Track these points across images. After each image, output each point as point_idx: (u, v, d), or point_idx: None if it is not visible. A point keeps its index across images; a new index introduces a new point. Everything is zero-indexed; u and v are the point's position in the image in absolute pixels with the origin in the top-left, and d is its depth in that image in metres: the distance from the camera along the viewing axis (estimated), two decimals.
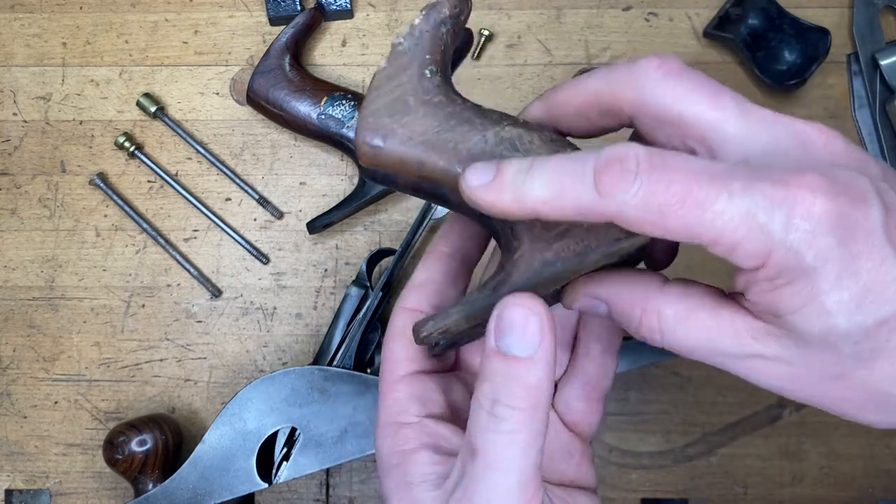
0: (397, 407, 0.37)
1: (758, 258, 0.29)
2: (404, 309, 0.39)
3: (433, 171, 0.35)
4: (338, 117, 0.61)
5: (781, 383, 0.33)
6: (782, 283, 0.30)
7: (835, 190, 0.29)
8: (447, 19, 0.37)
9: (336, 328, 0.60)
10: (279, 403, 0.56)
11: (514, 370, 0.31)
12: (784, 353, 0.31)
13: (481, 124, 0.36)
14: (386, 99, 0.35)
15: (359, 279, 0.61)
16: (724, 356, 0.32)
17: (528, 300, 0.31)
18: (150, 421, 0.59)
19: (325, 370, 0.57)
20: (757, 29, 0.64)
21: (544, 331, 0.31)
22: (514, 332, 0.31)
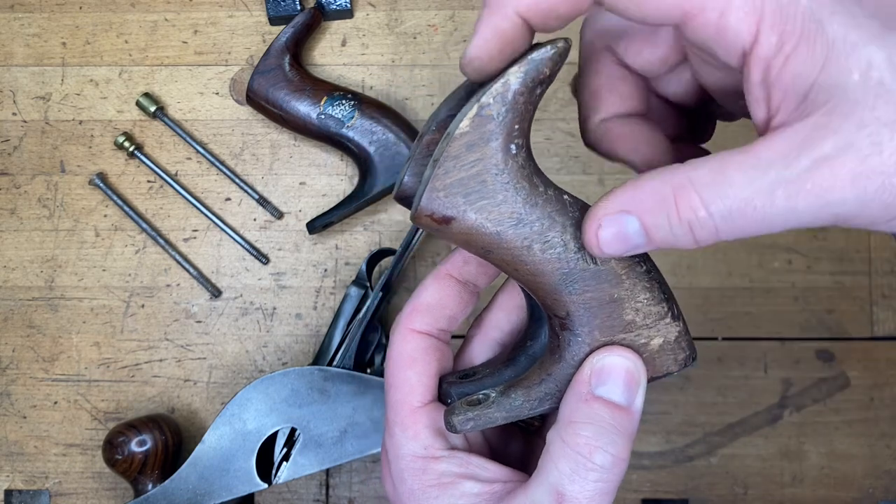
0: (422, 441, 0.36)
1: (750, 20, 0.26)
2: (412, 331, 0.38)
3: (498, 259, 0.33)
4: (337, 117, 0.61)
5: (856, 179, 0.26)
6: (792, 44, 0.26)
7: None
8: (546, 80, 0.32)
9: (336, 328, 0.60)
10: (279, 404, 0.56)
11: (617, 418, 0.31)
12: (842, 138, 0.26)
13: (562, 224, 0.32)
14: (463, 174, 0.31)
15: (358, 279, 0.61)
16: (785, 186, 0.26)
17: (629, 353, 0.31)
18: (149, 421, 0.59)
19: (324, 370, 0.57)
20: None
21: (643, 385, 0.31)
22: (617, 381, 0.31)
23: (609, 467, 0.31)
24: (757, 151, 0.27)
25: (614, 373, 0.31)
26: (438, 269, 0.39)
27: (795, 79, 0.26)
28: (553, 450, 0.32)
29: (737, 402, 0.63)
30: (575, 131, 0.66)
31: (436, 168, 0.31)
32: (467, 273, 0.39)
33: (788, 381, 0.63)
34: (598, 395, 0.31)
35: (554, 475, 0.32)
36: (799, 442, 0.63)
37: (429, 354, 0.38)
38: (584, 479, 0.31)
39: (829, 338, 0.63)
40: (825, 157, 0.26)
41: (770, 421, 0.63)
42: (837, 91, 0.26)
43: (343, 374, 0.57)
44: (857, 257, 0.64)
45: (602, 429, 0.31)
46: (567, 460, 0.31)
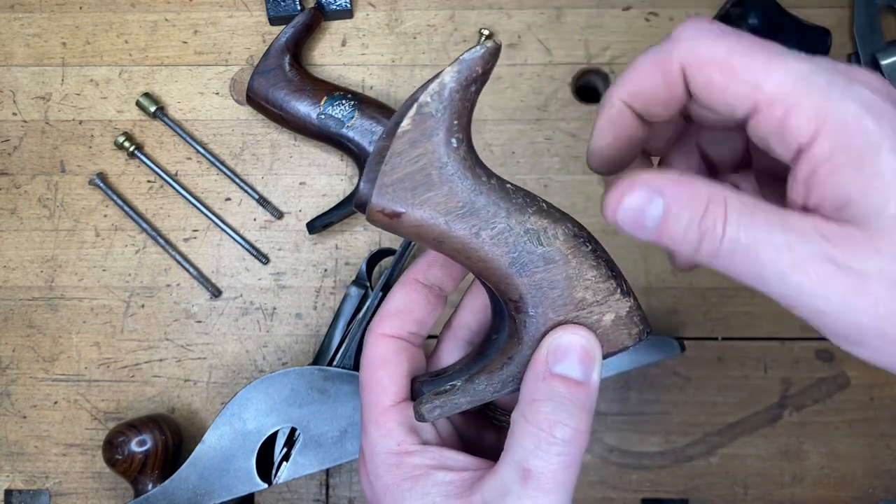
0: (395, 437, 0.38)
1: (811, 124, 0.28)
2: (383, 335, 0.40)
3: (450, 249, 0.35)
4: (337, 117, 0.61)
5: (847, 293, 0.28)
6: (842, 160, 0.28)
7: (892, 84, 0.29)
8: (479, 77, 0.33)
9: (336, 328, 0.60)
10: (279, 403, 0.56)
11: (575, 393, 0.33)
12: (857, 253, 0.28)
13: (507, 210, 0.34)
14: (408, 168, 0.33)
15: (358, 279, 0.61)
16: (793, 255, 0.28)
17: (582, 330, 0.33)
18: (149, 421, 0.59)
19: (324, 370, 0.57)
20: (757, 29, 0.64)
21: (598, 359, 0.33)
22: (571, 357, 0.33)
23: (570, 440, 0.33)
24: (790, 215, 0.29)
25: (570, 350, 0.33)
26: (405, 276, 0.41)
27: (836, 190, 0.28)
28: (516, 429, 0.33)
29: (737, 401, 0.63)
30: (575, 131, 0.66)
31: (382, 166, 0.33)
32: (432, 277, 0.41)
33: (788, 381, 0.63)
34: (555, 372, 0.33)
35: (518, 453, 0.33)
36: (799, 442, 0.63)
37: (399, 356, 0.39)
38: (547, 453, 0.33)
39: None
40: (835, 259, 0.28)
41: (770, 421, 0.63)
42: (871, 214, 0.28)
43: (343, 373, 0.57)
44: None
45: (561, 404, 0.33)
46: (530, 437, 0.33)
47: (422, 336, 0.42)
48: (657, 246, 0.31)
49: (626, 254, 0.64)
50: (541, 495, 0.33)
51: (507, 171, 0.65)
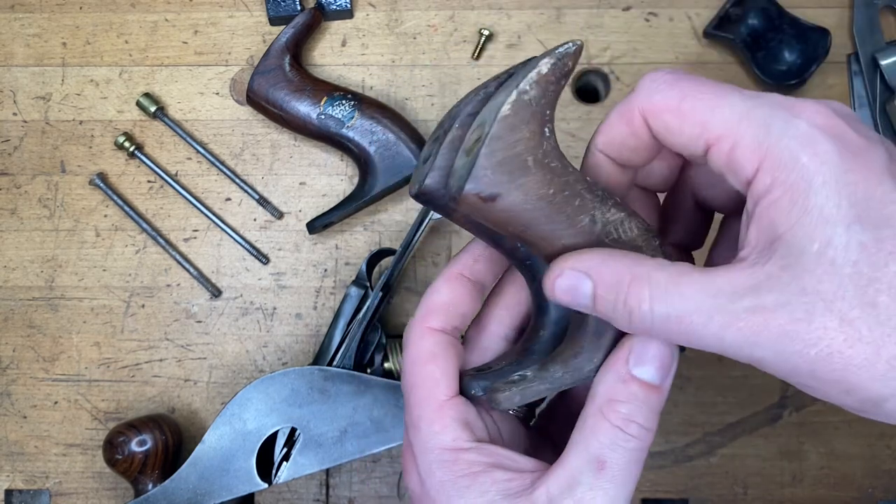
0: (450, 433, 0.37)
1: (754, 158, 0.30)
2: (431, 329, 0.39)
3: (533, 237, 0.35)
4: (337, 117, 0.61)
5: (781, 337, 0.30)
6: (778, 194, 0.30)
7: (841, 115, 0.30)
8: (569, 72, 0.34)
9: (336, 328, 0.60)
10: (279, 403, 0.56)
11: (650, 396, 0.34)
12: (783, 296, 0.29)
13: (591, 201, 0.35)
14: (507, 153, 0.33)
15: (359, 279, 0.61)
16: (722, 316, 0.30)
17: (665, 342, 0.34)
18: (149, 421, 0.59)
19: (325, 370, 0.57)
20: (757, 29, 0.64)
21: (674, 366, 0.35)
22: (653, 363, 0.34)
23: (643, 437, 0.34)
24: (714, 278, 0.31)
25: (651, 356, 0.34)
26: (449, 270, 0.41)
27: (771, 223, 0.30)
28: (591, 423, 0.35)
29: (736, 401, 0.63)
30: (575, 131, 0.66)
31: (481, 148, 0.32)
32: (477, 272, 0.40)
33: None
34: (634, 375, 0.34)
35: (594, 446, 0.34)
36: (798, 442, 0.63)
37: (448, 350, 0.39)
38: (624, 447, 0.34)
39: None
40: (764, 307, 0.29)
41: (770, 421, 0.63)
42: (796, 252, 0.29)
43: (343, 373, 0.57)
44: None
45: (638, 406, 0.34)
46: (607, 432, 0.34)
47: (461, 331, 0.41)
48: None
49: None
50: (613, 487, 0.34)
51: None
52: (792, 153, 0.29)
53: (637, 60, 0.66)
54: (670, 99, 0.32)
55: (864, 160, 0.30)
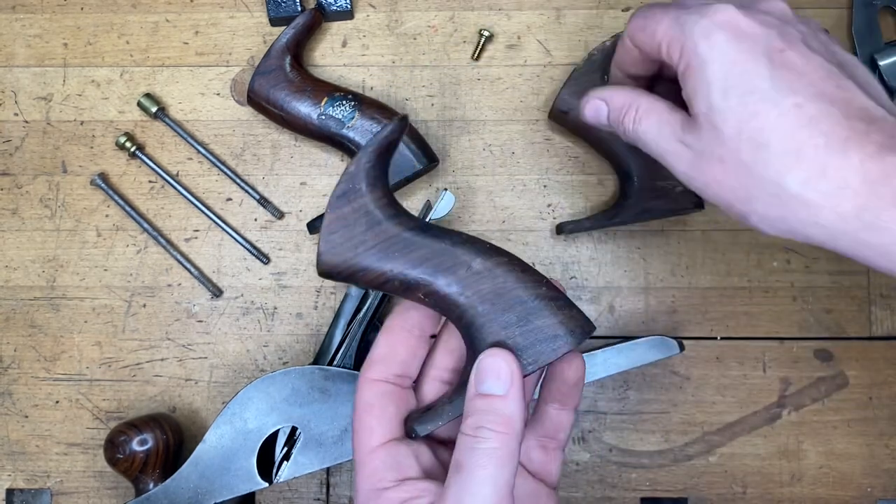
0: (376, 476, 0.42)
1: (677, 49, 0.43)
2: (371, 380, 0.45)
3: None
4: (338, 118, 0.61)
5: (688, 169, 0.44)
6: (689, 73, 0.42)
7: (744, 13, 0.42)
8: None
9: (336, 328, 0.60)
10: (280, 403, 0.57)
11: (494, 404, 0.40)
12: (692, 141, 0.43)
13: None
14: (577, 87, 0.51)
15: None
16: (665, 142, 0.44)
17: (501, 352, 0.40)
18: (150, 420, 0.59)
19: (325, 370, 0.57)
20: None
21: (514, 374, 0.40)
22: (491, 377, 0.40)
23: (496, 438, 0.39)
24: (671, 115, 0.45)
25: (488, 372, 0.40)
26: (386, 323, 0.47)
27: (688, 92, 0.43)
28: (458, 441, 0.40)
29: (735, 401, 0.63)
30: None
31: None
32: (410, 320, 0.46)
33: (787, 381, 0.63)
34: (479, 392, 0.40)
35: (456, 455, 0.40)
36: (797, 441, 0.63)
37: (383, 399, 0.44)
38: (476, 448, 0.39)
39: (828, 337, 0.64)
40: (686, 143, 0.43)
41: (769, 420, 0.63)
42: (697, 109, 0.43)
43: (344, 373, 0.57)
44: None
45: (484, 414, 0.39)
46: (462, 441, 0.40)
47: (409, 377, 0.46)
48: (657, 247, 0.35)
49: (625, 254, 0.64)
50: (474, 485, 0.38)
51: (507, 171, 0.65)
52: (695, 43, 0.42)
53: None
54: (638, 24, 0.46)
55: (749, 44, 0.41)
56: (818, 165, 0.39)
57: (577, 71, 0.62)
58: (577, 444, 0.63)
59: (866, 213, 0.38)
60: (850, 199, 0.38)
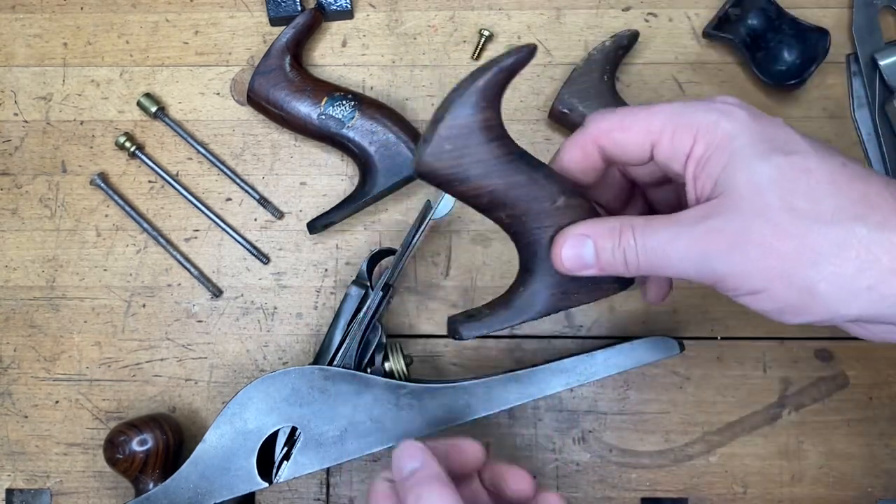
0: None
1: (689, 136, 0.40)
2: None
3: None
4: (338, 117, 0.61)
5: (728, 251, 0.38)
6: (711, 152, 0.39)
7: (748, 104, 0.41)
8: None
9: (336, 328, 0.60)
10: (279, 403, 0.57)
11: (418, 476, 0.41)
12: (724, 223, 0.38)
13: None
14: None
15: (359, 279, 0.61)
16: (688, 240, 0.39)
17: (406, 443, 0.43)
18: (150, 420, 0.59)
19: (325, 370, 0.57)
20: (756, 29, 0.64)
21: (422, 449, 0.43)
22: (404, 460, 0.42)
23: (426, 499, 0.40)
24: (678, 216, 0.40)
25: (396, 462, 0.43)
26: None
27: (709, 175, 0.39)
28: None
29: (736, 401, 0.63)
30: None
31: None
32: None
33: (787, 381, 0.63)
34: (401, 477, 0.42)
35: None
36: (798, 441, 0.63)
37: None
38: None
39: (828, 337, 0.64)
40: (714, 228, 0.38)
41: (769, 420, 0.63)
42: (731, 186, 0.38)
43: (343, 373, 0.57)
44: None
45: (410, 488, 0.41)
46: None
47: None
48: None
49: None
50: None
51: None
52: (715, 123, 0.39)
53: (637, 61, 0.66)
54: (614, 121, 0.42)
55: (768, 120, 0.40)
56: (891, 208, 0.38)
57: (577, 71, 0.62)
58: (577, 444, 0.63)
59: None
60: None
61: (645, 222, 0.40)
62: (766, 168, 0.38)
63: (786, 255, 0.37)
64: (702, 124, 0.39)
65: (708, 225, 0.38)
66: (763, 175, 0.38)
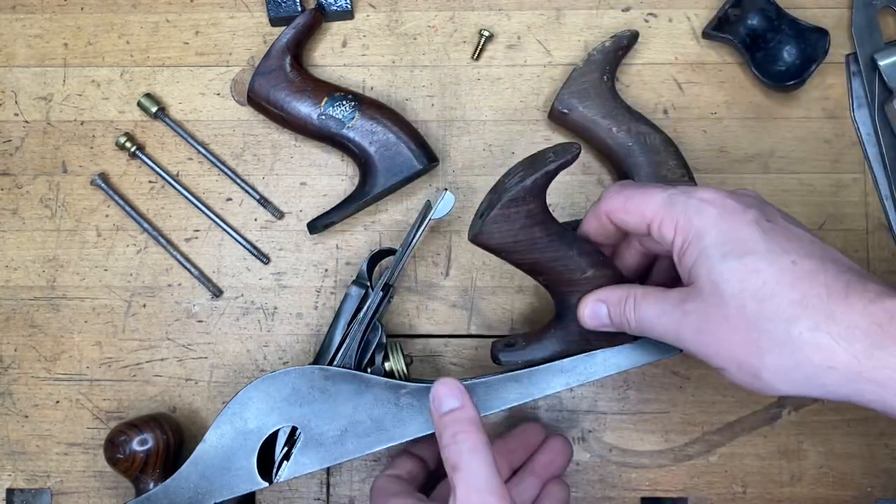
0: None
1: (671, 227, 0.46)
2: None
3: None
4: (338, 118, 0.61)
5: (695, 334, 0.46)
6: (686, 245, 0.46)
7: (725, 192, 0.46)
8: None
9: (336, 328, 0.60)
10: (280, 403, 0.57)
11: (456, 415, 0.50)
12: (694, 308, 0.45)
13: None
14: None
15: (359, 279, 0.61)
16: (668, 316, 0.47)
17: (448, 380, 0.51)
18: (150, 420, 0.59)
19: (325, 369, 0.57)
20: (756, 29, 0.65)
21: (462, 392, 0.51)
22: (448, 398, 0.50)
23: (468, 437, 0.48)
24: (666, 295, 0.47)
25: (444, 396, 0.50)
26: None
27: (686, 264, 0.46)
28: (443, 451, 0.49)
29: (736, 400, 0.63)
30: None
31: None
32: None
33: None
34: (442, 412, 0.50)
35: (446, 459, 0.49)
36: (798, 441, 0.63)
37: None
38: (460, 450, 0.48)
39: None
40: (688, 312, 0.46)
41: (769, 420, 0.63)
42: (698, 278, 0.45)
43: (344, 373, 0.57)
44: (854, 256, 0.64)
45: (451, 424, 0.49)
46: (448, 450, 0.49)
47: None
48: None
49: None
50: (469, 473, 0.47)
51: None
52: (689, 219, 0.46)
53: (637, 61, 0.66)
54: (618, 203, 0.49)
55: (737, 217, 0.45)
56: (825, 311, 0.42)
57: (576, 71, 0.62)
58: (577, 443, 0.63)
59: (878, 350, 0.41)
60: (861, 339, 0.41)
61: (643, 295, 0.48)
62: (723, 269, 0.44)
63: (737, 345, 0.44)
64: (680, 220, 0.46)
65: (683, 309, 0.46)
66: (721, 275, 0.44)
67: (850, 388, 0.42)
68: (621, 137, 0.62)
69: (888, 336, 0.41)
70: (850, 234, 0.65)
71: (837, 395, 0.43)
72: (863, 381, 0.41)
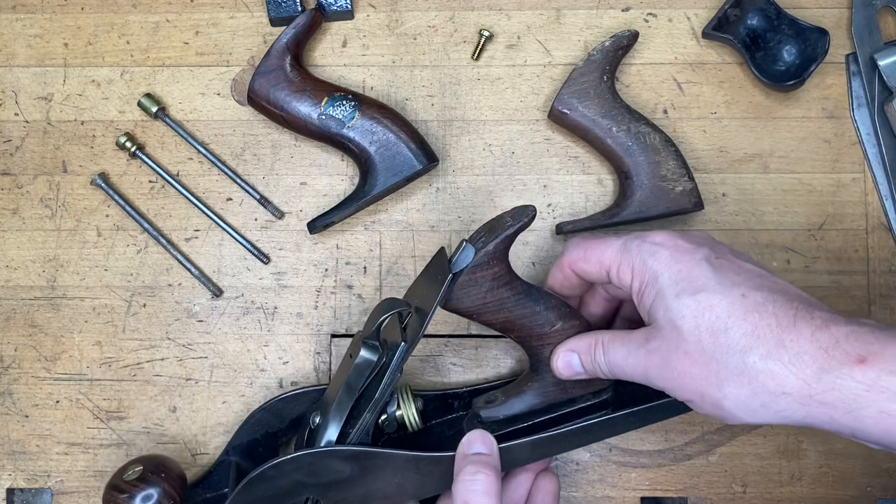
0: None
1: (627, 273, 0.50)
2: None
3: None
4: (338, 117, 0.61)
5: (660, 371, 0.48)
6: (643, 287, 0.49)
7: (677, 234, 0.50)
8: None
9: (347, 395, 0.55)
10: (297, 476, 0.55)
11: (482, 458, 0.52)
12: (657, 346, 0.48)
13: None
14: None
15: (368, 339, 0.55)
16: (633, 357, 0.49)
17: (483, 431, 0.54)
18: (149, 474, 0.56)
19: (342, 451, 0.54)
20: (755, 29, 0.65)
21: (493, 443, 0.53)
22: (479, 443, 0.53)
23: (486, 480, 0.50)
24: (630, 336, 0.50)
25: (474, 440, 0.53)
26: None
27: (645, 305, 0.49)
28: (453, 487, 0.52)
29: None
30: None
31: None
32: None
33: None
34: (470, 454, 0.53)
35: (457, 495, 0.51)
36: (797, 441, 0.63)
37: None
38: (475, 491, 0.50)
39: None
40: (651, 350, 0.48)
41: None
42: (656, 318, 0.48)
43: (363, 452, 0.54)
44: (854, 257, 0.64)
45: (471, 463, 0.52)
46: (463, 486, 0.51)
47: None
48: None
49: None
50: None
51: (507, 171, 0.65)
52: (644, 262, 0.49)
53: (636, 61, 0.66)
54: (578, 254, 0.53)
55: (689, 256, 0.48)
56: (775, 340, 0.44)
57: (576, 71, 0.62)
58: None
59: (825, 373, 0.43)
60: (809, 364, 0.43)
61: (610, 340, 0.51)
62: (679, 307, 0.46)
63: (698, 378, 0.46)
64: (636, 263, 0.49)
65: (647, 348, 0.48)
66: (677, 313, 0.47)
67: (804, 411, 0.44)
68: (621, 137, 0.62)
69: (834, 360, 0.43)
70: (849, 233, 0.65)
71: (793, 419, 0.45)
72: (814, 403, 0.43)
